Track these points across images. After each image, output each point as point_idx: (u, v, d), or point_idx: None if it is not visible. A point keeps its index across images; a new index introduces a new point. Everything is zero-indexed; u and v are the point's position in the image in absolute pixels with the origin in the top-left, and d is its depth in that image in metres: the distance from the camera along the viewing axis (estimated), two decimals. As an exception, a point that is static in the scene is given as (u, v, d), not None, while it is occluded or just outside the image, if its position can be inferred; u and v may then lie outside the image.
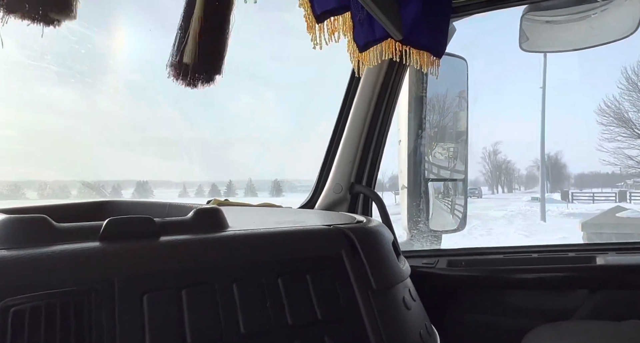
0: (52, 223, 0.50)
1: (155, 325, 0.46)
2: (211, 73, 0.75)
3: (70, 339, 0.42)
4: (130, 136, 6.33)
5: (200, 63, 0.72)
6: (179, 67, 0.72)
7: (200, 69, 0.73)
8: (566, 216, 13.68)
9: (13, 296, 0.42)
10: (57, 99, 2.93)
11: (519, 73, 28.14)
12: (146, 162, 5.51)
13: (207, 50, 0.72)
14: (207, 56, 0.72)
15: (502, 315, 1.34)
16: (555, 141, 32.21)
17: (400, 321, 0.60)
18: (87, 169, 3.84)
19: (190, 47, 0.71)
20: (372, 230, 0.68)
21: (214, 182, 4.93)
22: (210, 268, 0.53)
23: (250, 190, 5.71)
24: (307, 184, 1.68)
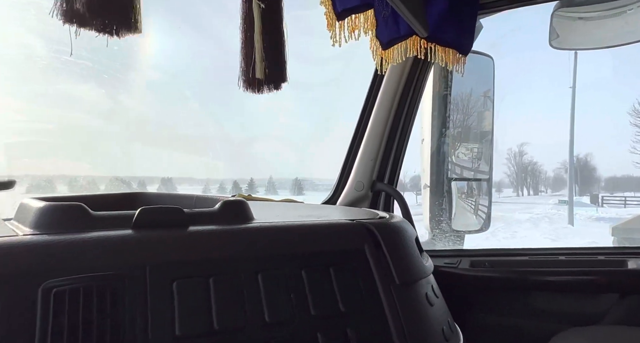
0: (88, 211, 0.53)
1: (184, 311, 0.48)
2: (279, 82, 0.84)
3: (106, 320, 0.44)
4: (154, 133, 6.54)
5: (269, 76, 0.81)
6: (251, 81, 0.81)
7: (270, 80, 0.82)
8: (595, 220, 13.20)
9: (54, 278, 0.44)
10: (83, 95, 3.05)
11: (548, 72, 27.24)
12: (170, 159, 5.67)
13: (273, 63, 0.81)
14: (273, 68, 0.81)
15: (526, 318, 1.31)
16: (585, 143, 31.09)
17: (423, 316, 0.60)
18: (113, 165, 3.99)
19: (258, 64, 0.79)
20: (395, 225, 0.68)
21: (236, 179, 5.03)
22: (236, 258, 0.54)
23: (271, 188, 5.79)
24: (327, 183, 1.68)
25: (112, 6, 0.56)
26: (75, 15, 0.54)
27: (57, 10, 0.53)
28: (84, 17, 0.54)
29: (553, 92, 32.94)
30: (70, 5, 0.53)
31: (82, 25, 0.55)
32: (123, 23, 0.57)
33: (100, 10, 0.54)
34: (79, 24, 0.55)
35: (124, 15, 0.57)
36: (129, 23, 0.57)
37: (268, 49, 0.81)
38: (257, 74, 0.80)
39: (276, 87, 0.86)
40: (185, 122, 8.51)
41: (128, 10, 0.57)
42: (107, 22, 0.56)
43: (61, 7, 0.53)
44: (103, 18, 0.55)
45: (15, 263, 0.44)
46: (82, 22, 0.55)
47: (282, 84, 0.86)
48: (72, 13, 0.54)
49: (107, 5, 0.55)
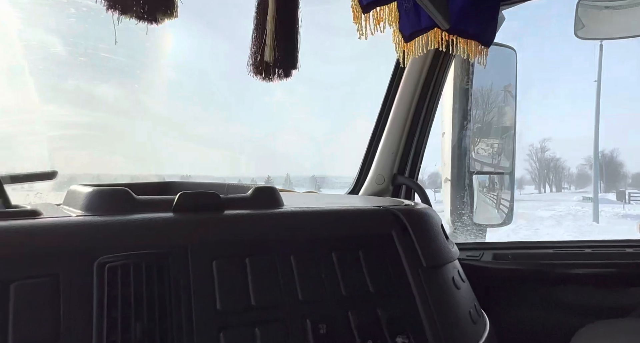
0: (133, 195, 0.56)
1: (224, 287, 0.51)
2: (289, 68, 0.82)
3: (154, 293, 0.47)
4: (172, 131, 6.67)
5: (279, 60, 0.78)
6: (260, 65, 0.78)
7: (279, 65, 0.80)
8: (622, 217, 12.79)
9: (106, 254, 0.47)
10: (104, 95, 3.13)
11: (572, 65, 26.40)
12: (189, 157, 5.80)
13: (283, 47, 0.78)
14: (284, 53, 0.79)
15: (551, 311, 1.30)
16: (611, 138, 30.09)
17: (450, 299, 0.62)
18: (134, 163, 4.11)
19: (268, 46, 0.77)
20: (421, 211, 0.70)
21: (253, 177, 5.08)
22: (269, 240, 0.57)
23: (289, 185, 5.87)
24: (345, 180, 1.70)
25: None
26: (117, 1, 0.56)
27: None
28: (125, 2, 0.56)
29: (577, 86, 31.93)
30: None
31: (124, 12, 0.57)
32: (162, 6, 0.58)
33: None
34: (121, 11, 0.57)
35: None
36: (168, 5, 0.59)
37: (280, 33, 0.79)
38: (266, 57, 0.78)
39: (286, 75, 0.83)
40: (202, 121, 8.67)
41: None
42: (148, 7, 0.57)
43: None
44: (144, 2, 0.57)
45: (72, 240, 0.48)
46: (124, 8, 0.57)
47: (292, 71, 0.83)
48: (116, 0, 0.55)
49: None
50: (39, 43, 0.93)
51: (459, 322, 0.60)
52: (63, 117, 1.15)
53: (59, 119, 1.10)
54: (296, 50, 0.82)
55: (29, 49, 0.90)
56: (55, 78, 1.03)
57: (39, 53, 0.93)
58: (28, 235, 0.46)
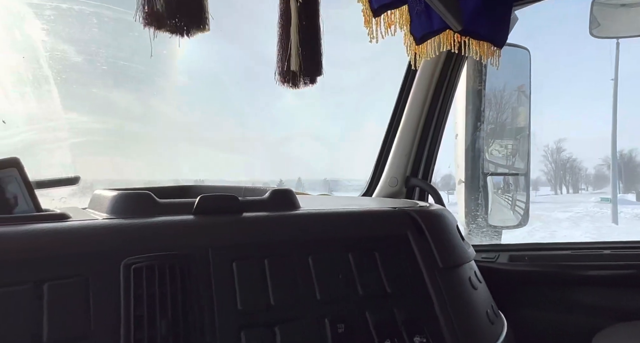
0: (155, 199, 0.58)
1: (244, 288, 0.52)
2: (314, 75, 0.86)
3: (177, 292, 0.49)
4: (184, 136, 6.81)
5: (304, 68, 0.82)
6: (286, 74, 0.83)
7: (305, 73, 0.84)
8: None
9: (131, 256, 0.49)
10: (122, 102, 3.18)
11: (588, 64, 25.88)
12: (203, 161, 5.88)
13: (308, 56, 0.82)
14: (309, 61, 0.83)
15: (569, 313, 1.28)
16: (629, 138, 29.34)
17: (467, 299, 0.62)
18: (147, 169, 4.18)
19: (294, 56, 0.81)
20: (436, 212, 0.70)
21: (266, 181, 5.15)
22: (287, 241, 0.58)
23: (301, 189, 5.91)
24: (357, 183, 1.70)
25: (187, 5, 0.60)
26: (154, 18, 0.59)
27: (140, 14, 0.58)
28: (162, 18, 0.59)
29: (594, 85, 31.25)
30: (151, 7, 0.58)
31: (159, 28, 0.60)
32: (196, 22, 0.61)
33: (177, 9, 0.58)
34: (157, 27, 0.60)
35: (197, 13, 0.61)
36: (201, 20, 0.62)
37: (304, 42, 0.83)
38: (293, 66, 0.81)
39: (312, 81, 0.87)
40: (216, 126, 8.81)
41: (200, 8, 0.61)
42: (182, 22, 0.60)
43: (143, 10, 0.58)
44: (179, 17, 0.60)
45: (99, 242, 0.50)
46: (160, 24, 0.60)
47: (317, 78, 0.87)
48: (152, 15, 0.58)
49: (182, 5, 0.59)
50: (62, 53, 0.97)
51: (476, 322, 0.61)
52: (85, 125, 1.20)
53: (81, 126, 1.14)
54: (320, 57, 0.85)
55: (52, 59, 0.94)
56: (77, 87, 1.07)
57: (62, 63, 0.97)
58: (58, 237, 0.49)
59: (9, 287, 0.43)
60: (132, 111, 2.71)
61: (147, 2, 0.57)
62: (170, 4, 0.57)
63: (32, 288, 0.44)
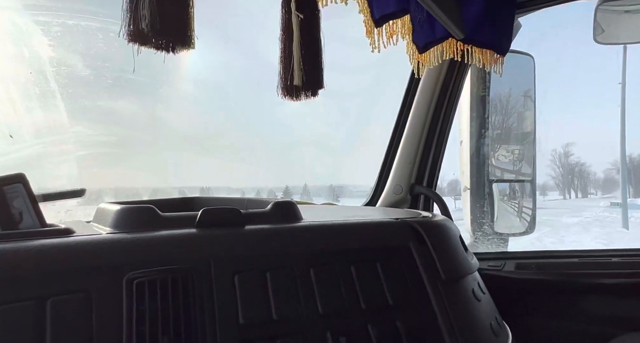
0: (158, 212, 0.59)
1: (246, 301, 0.52)
2: (316, 88, 0.88)
3: (179, 306, 0.49)
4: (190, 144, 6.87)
5: (307, 82, 0.84)
6: (289, 88, 0.85)
7: (307, 87, 0.86)
8: (654, 223, 12.22)
9: (134, 270, 0.50)
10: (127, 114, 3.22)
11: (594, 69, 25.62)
12: (207, 169, 5.92)
13: (310, 70, 0.84)
14: (311, 75, 0.85)
15: (578, 322, 1.26)
16: (638, 141, 28.90)
17: (470, 311, 0.61)
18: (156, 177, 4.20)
19: (297, 71, 0.83)
20: (439, 223, 0.70)
21: (271, 188, 5.15)
22: (289, 254, 0.58)
23: (307, 195, 5.87)
24: (363, 189, 1.70)
25: (171, 25, 0.61)
26: (139, 35, 0.61)
27: (124, 30, 0.60)
28: (146, 36, 0.60)
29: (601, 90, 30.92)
30: (136, 26, 0.59)
31: (143, 44, 0.62)
32: (180, 40, 0.63)
33: (161, 29, 0.60)
34: (140, 43, 0.61)
35: (181, 33, 0.63)
36: (186, 40, 0.63)
37: (306, 57, 0.85)
38: (296, 81, 0.84)
39: (313, 94, 0.89)
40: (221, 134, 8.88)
41: (185, 28, 0.63)
42: (167, 40, 0.62)
43: (128, 28, 0.60)
44: (163, 37, 0.61)
45: (102, 257, 0.50)
46: (144, 41, 0.62)
47: (318, 91, 0.89)
48: (136, 33, 0.60)
49: (167, 25, 0.61)
50: (69, 68, 1.00)
51: (479, 334, 0.60)
52: (91, 137, 1.21)
53: (87, 139, 1.16)
54: (321, 71, 0.87)
55: (59, 74, 0.96)
56: (84, 100, 1.09)
57: (69, 77, 0.99)
58: (63, 252, 0.49)
59: (14, 304, 0.44)
60: (137, 121, 2.75)
61: (133, 21, 0.58)
62: (154, 25, 0.58)
63: (36, 305, 0.45)
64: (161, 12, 0.60)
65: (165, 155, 3.27)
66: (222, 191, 3.82)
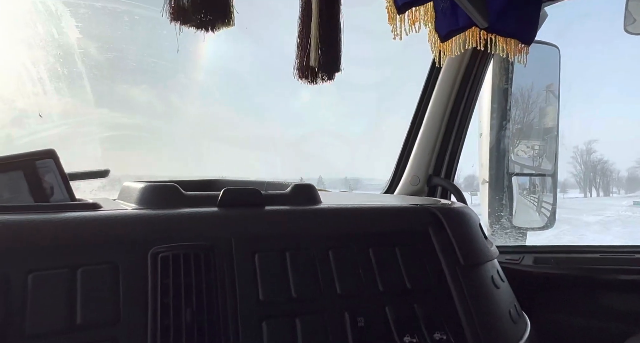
0: (181, 191, 0.60)
1: (266, 279, 0.53)
2: (332, 71, 0.85)
3: (202, 282, 0.51)
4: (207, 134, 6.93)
5: (323, 64, 0.82)
6: (305, 69, 0.83)
7: (323, 69, 0.83)
8: (679, 224, 11.82)
9: (158, 245, 0.51)
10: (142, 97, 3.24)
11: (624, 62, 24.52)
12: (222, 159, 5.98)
13: (327, 52, 0.82)
14: (328, 57, 0.82)
15: (596, 318, 1.24)
16: (666, 139, 27.73)
17: (489, 298, 0.61)
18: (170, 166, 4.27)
19: (313, 51, 0.81)
20: (458, 210, 0.69)
21: (286, 178, 5.18)
22: (308, 235, 0.59)
23: (321, 187, 5.88)
24: (378, 182, 1.69)
25: (212, 1, 0.61)
26: (180, 13, 0.60)
27: (166, 9, 0.60)
28: (188, 13, 0.60)
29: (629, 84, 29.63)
30: (177, 3, 0.59)
31: (185, 23, 0.62)
32: (221, 16, 0.62)
33: (202, 5, 0.59)
34: (182, 22, 0.61)
35: (222, 8, 0.62)
36: (226, 16, 0.63)
37: (324, 38, 0.82)
38: (312, 61, 0.82)
39: (330, 78, 0.87)
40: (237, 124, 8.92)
41: (226, 2, 0.62)
42: (208, 17, 0.61)
43: (170, 6, 0.60)
44: (204, 12, 0.61)
45: (128, 231, 0.52)
46: (185, 19, 0.61)
47: (335, 74, 0.87)
48: (178, 11, 0.60)
49: (208, 0, 0.60)
50: (95, 50, 1.02)
51: (498, 320, 0.60)
52: (115, 119, 1.24)
53: (111, 121, 1.19)
54: (339, 54, 0.85)
55: (86, 55, 0.99)
56: (109, 82, 1.11)
57: (95, 59, 1.01)
58: (91, 225, 0.51)
59: (46, 271, 0.46)
60: (156, 108, 2.79)
61: None
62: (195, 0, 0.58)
63: (67, 273, 0.46)
64: None
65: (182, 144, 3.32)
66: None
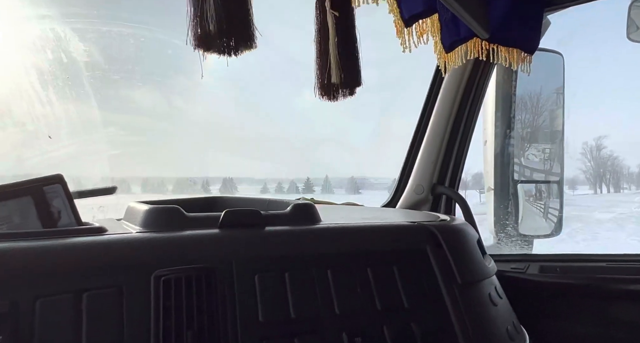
0: (183, 213, 0.62)
1: (265, 300, 0.55)
2: (353, 86, 0.87)
3: (203, 303, 0.52)
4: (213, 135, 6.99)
5: (344, 80, 0.83)
6: (327, 87, 0.84)
7: (345, 85, 0.85)
8: (694, 223, 11.52)
9: (161, 268, 0.53)
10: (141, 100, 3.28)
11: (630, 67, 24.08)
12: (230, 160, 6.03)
13: (347, 68, 0.83)
14: (348, 73, 0.83)
15: (604, 329, 1.23)
16: (679, 137, 26.99)
17: (486, 315, 0.62)
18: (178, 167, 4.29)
19: (334, 69, 0.82)
20: (456, 227, 0.70)
21: (293, 179, 5.18)
22: (307, 255, 0.60)
23: (328, 187, 5.86)
24: (384, 181, 1.70)
25: (237, 25, 0.60)
26: (205, 39, 0.60)
27: (190, 36, 0.60)
28: (212, 40, 0.60)
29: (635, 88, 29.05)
30: (203, 30, 0.59)
31: (209, 49, 0.61)
32: (244, 40, 0.63)
33: (227, 29, 0.59)
34: (206, 48, 0.61)
35: (246, 32, 0.62)
36: (250, 39, 0.63)
37: (343, 55, 0.84)
38: (334, 78, 0.83)
39: (351, 93, 0.88)
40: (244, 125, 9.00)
41: (249, 27, 0.62)
42: (231, 40, 0.62)
43: (195, 33, 0.60)
44: (229, 37, 0.61)
45: (132, 255, 0.54)
46: (209, 46, 0.61)
47: (356, 89, 0.88)
48: (203, 37, 0.59)
49: (233, 25, 0.60)
50: (103, 72, 1.05)
51: (495, 338, 0.60)
52: (122, 138, 1.27)
53: (118, 139, 1.22)
54: (359, 68, 0.86)
55: (93, 78, 1.02)
56: (115, 102, 1.15)
57: (102, 81, 1.04)
58: (97, 250, 0.53)
59: (54, 296, 0.48)
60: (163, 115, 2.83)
61: (199, 25, 0.58)
62: (221, 24, 0.57)
63: (73, 298, 0.48)
64: (226, 13, 0.59)
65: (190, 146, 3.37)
66: (244, 181, 3.91)
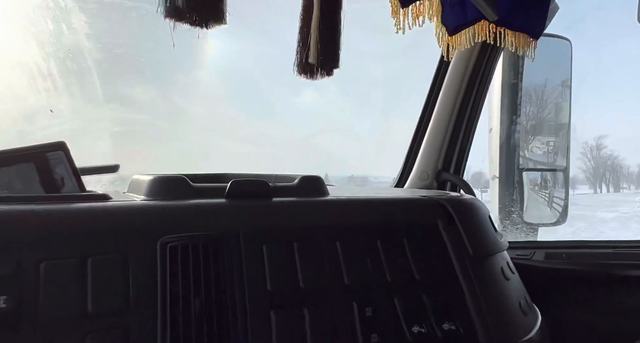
0: (189, 182, 0.60)
1: (274, 270, 0.53)
2: (331, 68, 0.87)
3: (210, 272, 0.51)
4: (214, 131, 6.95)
5: (322, 61, 0.84)
6: (305, 66, 0.85)
7: (322, 65, 0.86)
8: (695, 221, 11.55)
9: (168, 235, 0.52)
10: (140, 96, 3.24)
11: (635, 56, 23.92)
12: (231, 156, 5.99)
13: (327, 49, 0.84)
14: (327, 54, 0.84)
15: (610, 315, 1.22)
16: (680, 135, 27.03)
17: (499, 289, 0.61)
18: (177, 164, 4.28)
19: (312, 49, 0.83)
20: (467, 201, 0.69)
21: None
22: (315, 226, 0.59)
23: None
24: (385, 180, 1.69)
25: (206, 1, 0.62)
26: (175, 12, 0.62)
27: (161, 7, 0.62)
28: (182, 12, 0.62)
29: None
30: (172, 3, 0.61)
31: (179, 20, 0.63)
32: (214, 16, 0.64)
33: (196, 5, 0.61)
34: (176, 19, 0.63)
35: (215, 8, 0.64)
36: (219, 15, 0.65)
37: (323, 36, 0.85)
38: (311, 58, 0.84)
39: (328, 73, 0.89)
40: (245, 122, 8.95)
41: (219, 3, 0.64)
42: (201, 15, 0.63)
43: (165, 5, 0.62)
44: (198, 12, 0.63)
45: (138, 221, 0.52)
46: (179, 17, 0.63)
47: (334, 70, 0.89)
48: (173, 9, 0.62)
49: (202, 1, 0.62)
50: (104, 45, 1.03)
51: (508, 312, 0.59)
52: (124, 115, 1.25)
53: (121, 116, 1.20)
54: (338, 51, 0.86)
55: (95, 51, 1.00)
56: (117, 78, 1.13)
57: (104, 55, 1.02)
58: (101, 215, 0.52)
59: (57, 260, 0.46)
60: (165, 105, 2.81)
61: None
62: (190, 2, 0.60)
63: (78, 262, 0.47)
64: None
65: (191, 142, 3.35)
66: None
